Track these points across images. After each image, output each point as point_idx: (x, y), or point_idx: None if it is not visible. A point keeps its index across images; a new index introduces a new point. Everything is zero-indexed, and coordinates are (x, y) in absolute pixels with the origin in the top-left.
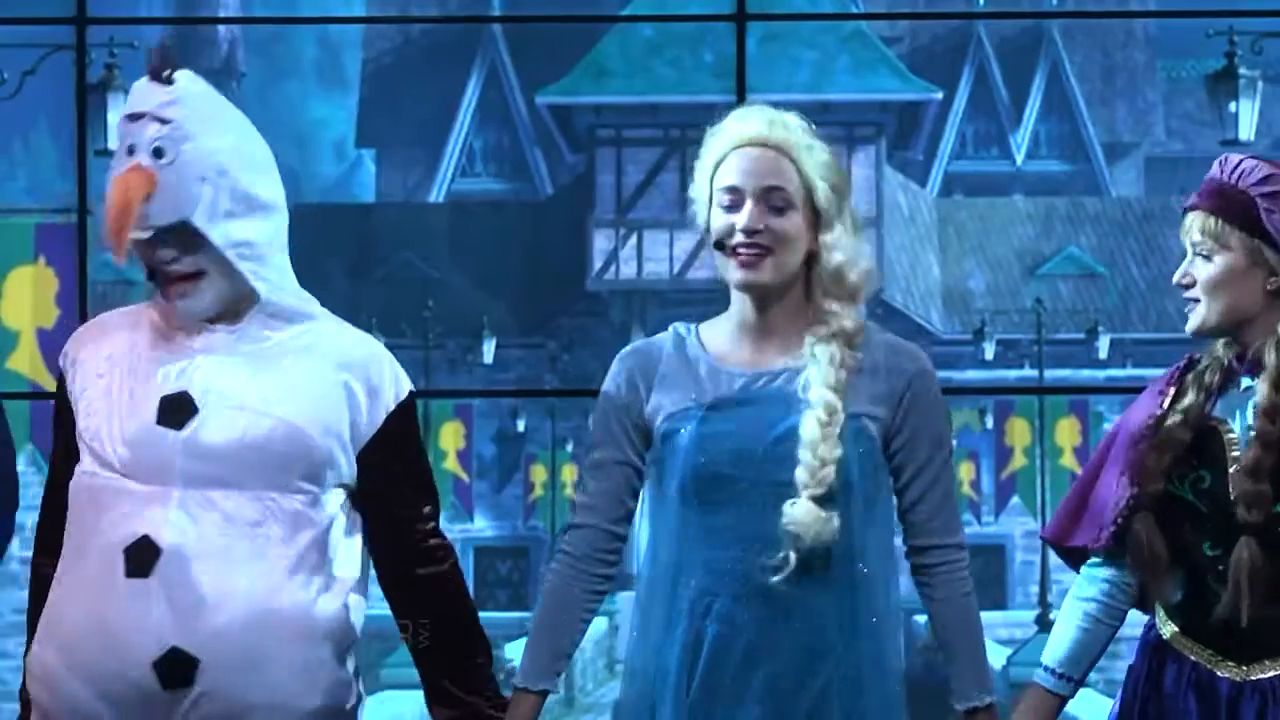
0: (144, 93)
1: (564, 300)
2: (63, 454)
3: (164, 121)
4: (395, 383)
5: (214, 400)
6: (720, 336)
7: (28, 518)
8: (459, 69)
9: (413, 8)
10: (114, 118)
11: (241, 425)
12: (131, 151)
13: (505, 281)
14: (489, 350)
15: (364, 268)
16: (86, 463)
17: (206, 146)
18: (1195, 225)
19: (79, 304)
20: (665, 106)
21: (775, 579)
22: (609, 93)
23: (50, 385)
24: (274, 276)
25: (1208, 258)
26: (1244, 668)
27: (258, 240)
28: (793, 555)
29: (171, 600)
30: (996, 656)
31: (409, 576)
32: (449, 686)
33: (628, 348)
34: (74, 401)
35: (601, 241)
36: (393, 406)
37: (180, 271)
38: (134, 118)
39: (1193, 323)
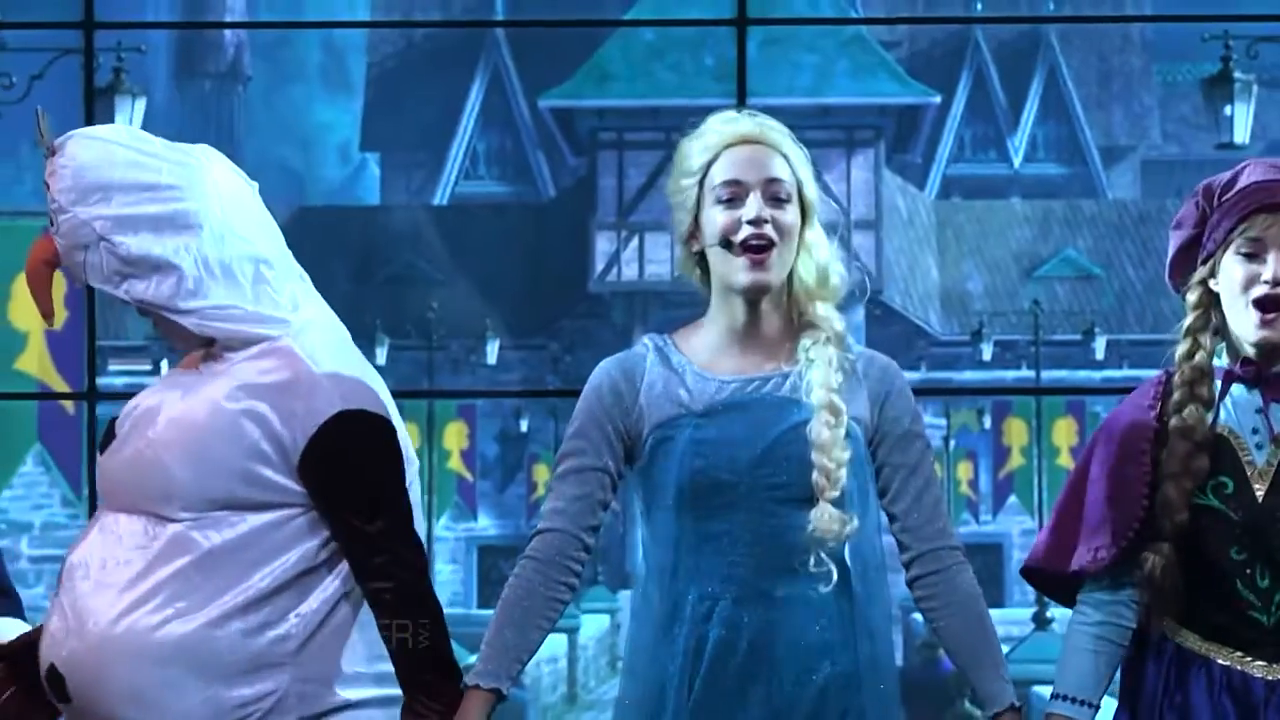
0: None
1: (566, 302)
2: None
3: (49, 191)
4: (320, 402)
5: (128, 427)
6: (701, 344)
7: (36, 516)
8: (462, 73)
9: (416, 12)
10: (122, 120)
11: (125, 455)
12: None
13: (508, 283)
14: (492, 351)
15: (368, 270)
16: None
17: (81, 217)
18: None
19: (87, 307)
20: (666, 110)
21: (820, 586)
22: (611, 96)
23: (58, 385)
24: (209, 307)
25: None
26: (1273, 666)
27: (170, 294)
28: (829, 561)
29: (64, 617)
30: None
31: (365, 589)
32: (416, 696)
33: (608, 360)
34: None
35: (603, 244)
36: (314, 429)
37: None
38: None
39: (1273, 332)
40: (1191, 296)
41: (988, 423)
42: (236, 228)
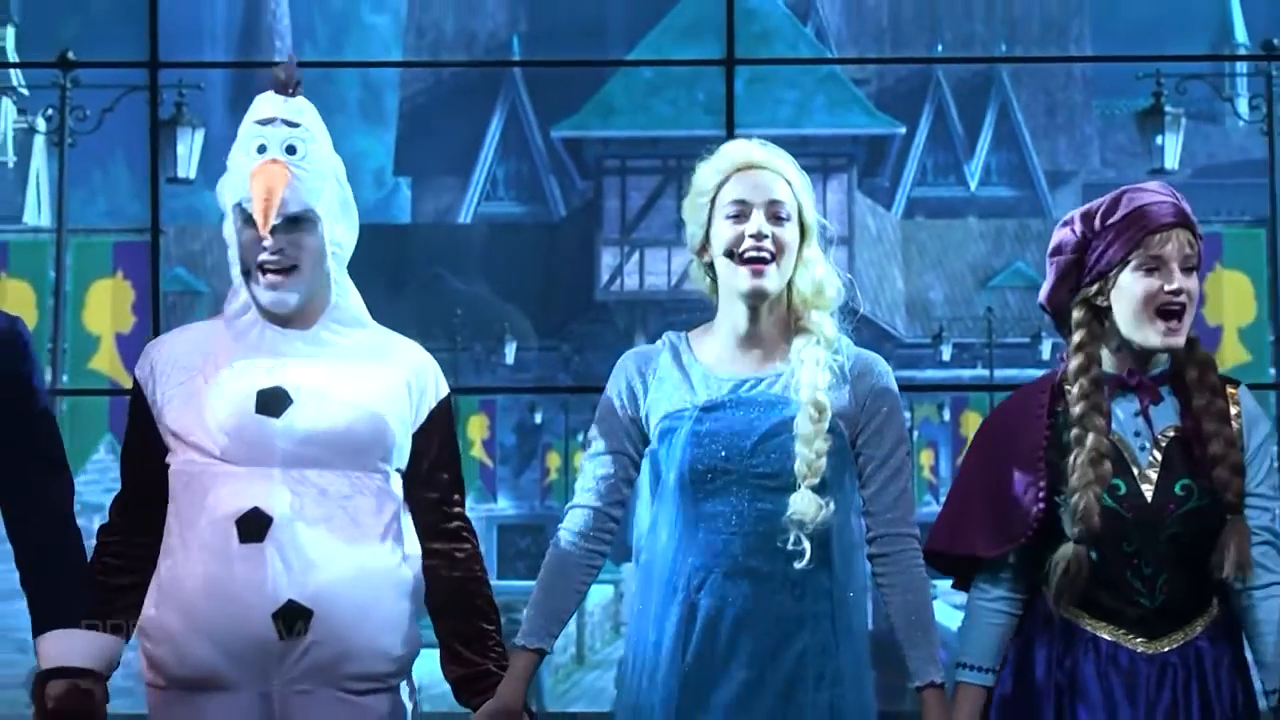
0: (272, 101)
1: (575, 309)
2: (138, 446)
3: (293, 125)
4: (437, 383)
5: (306, 393)
6: (710, 345)
7: (106, 499)
8: (484, 107)
9: (443, 53)
10: (183, 150)
11: (332, 414)
12: (262, 150)
13: (524, 292)
14: (510, 352)
15: (401, 281)
16: (181, 453)
17: (326, 151)
18: (1185, 240)
19: (152, 312)
20: (664, 140)
21: (796, 564)
22: (615, 128)
23: (126, 382)
24: (344, 284)
25: (1193, 273)
26: (1153, 642)
27: (345, 244)
28: (805, 541)
29: (285, 561)
30: (953, 620)
31: (430, 550)
32: (461, 649)
33: (628, 354)
34: (156, 406)
35: (608, 258)
36: (434, 404)
37: (278, 264)
38: (264, 122)
39: (1179, 337)
40: (1077, 314)
41: (947, 415)
42: None
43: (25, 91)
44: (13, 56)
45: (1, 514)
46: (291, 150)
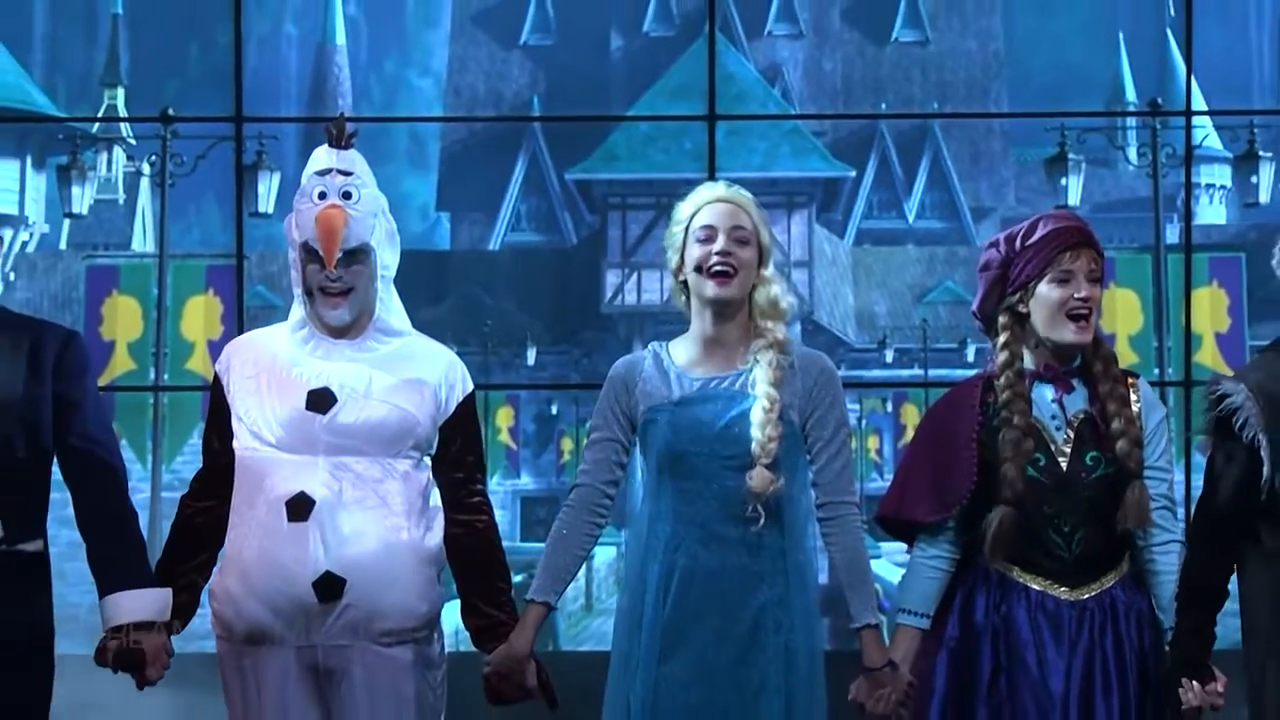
0: (327, 154)
1: (584, 320)
2: (215, 429)
3: (346, 174)
4: (463, 381)
5: (349, 393)
6: (684, 350)
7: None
8: (509, 154)
9: (476, 109)
10: (263, 189)
11: (369, 411)
12: (322, 196)
13: (542, 306)
14: (531, 356)
15: (441, 297)
16: (246, 440)
17: (374, 192)
18: (1090, 257)
19: (237, 323)
20: (657, 181)
21: (753, 528)
22: (617, 172)
23: None
24: (388, 300)
25: (1097, 283)
26: (1073, 591)
27: (391, 267)
28: (761, 509)
29: (324, 537)
30: (894, 575)
31: (454, 521)
32: (478, 603)
33: (619, 361)
34: (230, 397)
35: (611, 278)
36: (460, 400)
37: (338, 288)
38: (322, 172)
39: (1087, 335)
40: (1003, 319)
41: (889, 408)
42: None
43: (133, 141)
44: (123, 112)
45: (72, 498)
46: (347, 195)
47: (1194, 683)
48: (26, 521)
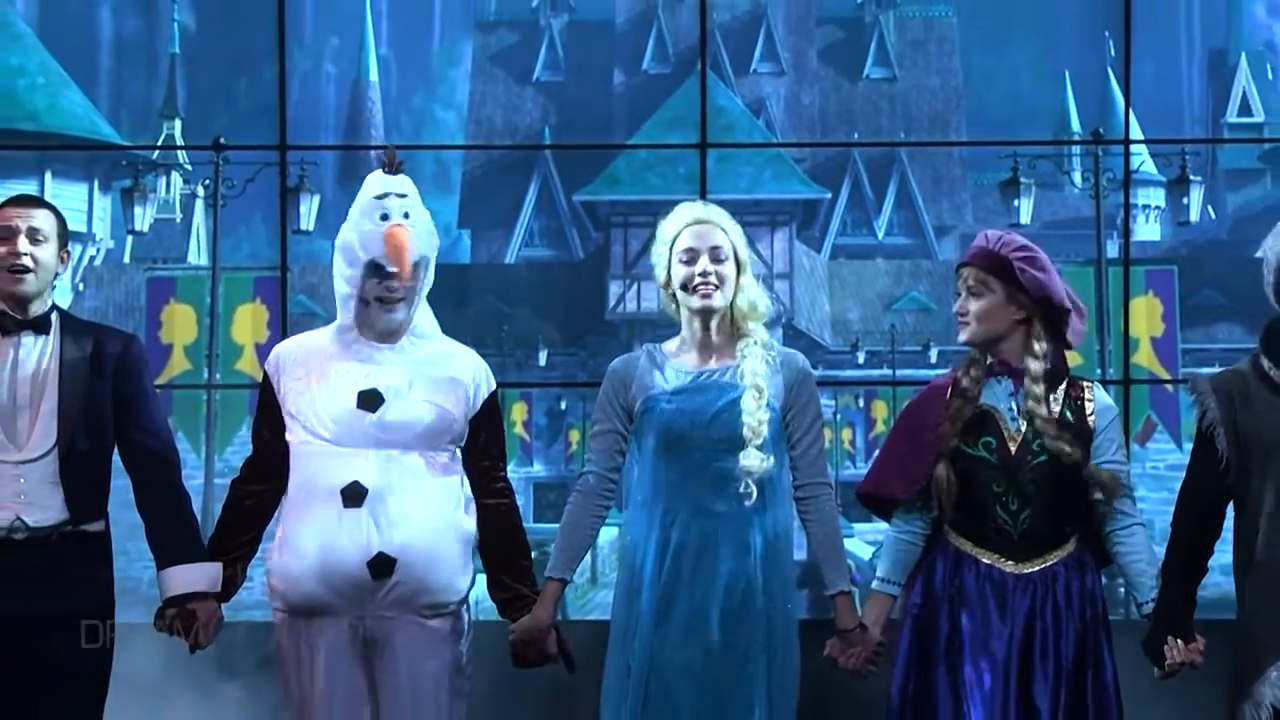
0: (385, 180)
1: (590, 325)
2: (264, 420)
3: (402, 196)
4: (488, 381)
5: (393, 393)
6: (676, 349)
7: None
8: (523, 178)
9: (494, 138)
10: (304, 209)
11: (413, 410)
12: (385, 217)
13: (553, 313)
14: (543, 357)
15: (463, 305)
16: (300, 434)
17: (424, 213)
18: (970, 275)
19: (281, 328)
20: (655, 202)
21: (745, 504)
22: (619, 194)
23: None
24: (423, 307)
25: (979, 296)
26: (1019, 565)
27: (428, 279)
28: (753, 486)
29: (376, 521)
30: (865, 551)
31: (482, 504)
32: (504, 578)
33: (616, 360)
34: (281, 395)
35: (614, 288)
36: (486, 395)
37: (392, 297)
38: (381, 196)
39: (964, 336)
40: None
41: (861, 404)
42: None
43: (189, 167)
44: (180, 141)
45: (132, 484)
46: (406, 215)
47: (1179, 641)
48: (90, 505)
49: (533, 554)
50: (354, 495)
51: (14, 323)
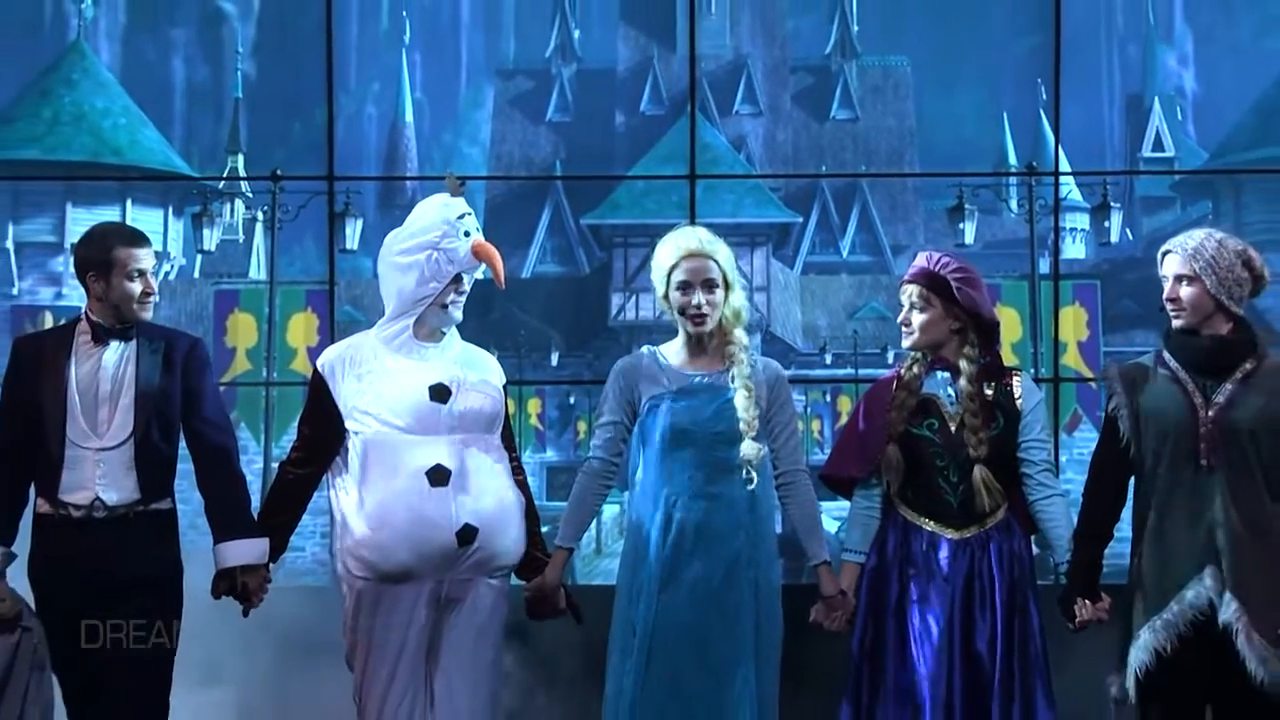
0: (457, 203)
1: (595, 331)
2: (314, 413)
3: (469, 214)
4: (500, 376)
5: (456, 385)
6: (675, 354)
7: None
8: (538, 204)
9: (513, 169)
10: (350, 231)
11: (475, 400)
12: (467, 234)
13: (563, 321)
14: (554, 359)
15: (486, 313)
16: (373, 425)
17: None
18: (914, 291)
19: (330, 334)
20: (651, 225)
21: (746, 489)
22: (620, 218)
23: None
24: None
25: (921, 310)
26: (958, 531)
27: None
28: (754, 472)
29: (458, 497)
30: (831, 525)
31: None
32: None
33: (623, 358)
34: (338, 394)
35: (616, 299)
36: (500, 388)
37: (460, 301)
38: (461, 216)
39: (908, 343)
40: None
41: (828, 399)
42: None
43: (250, 195)
44: (242, 173)
45: (194, 466)
46: (479, 230)
47: (1087, 601)
48: (159, 486)
49: (545, 528)
50: (439, 475)
51: (104, 331)
